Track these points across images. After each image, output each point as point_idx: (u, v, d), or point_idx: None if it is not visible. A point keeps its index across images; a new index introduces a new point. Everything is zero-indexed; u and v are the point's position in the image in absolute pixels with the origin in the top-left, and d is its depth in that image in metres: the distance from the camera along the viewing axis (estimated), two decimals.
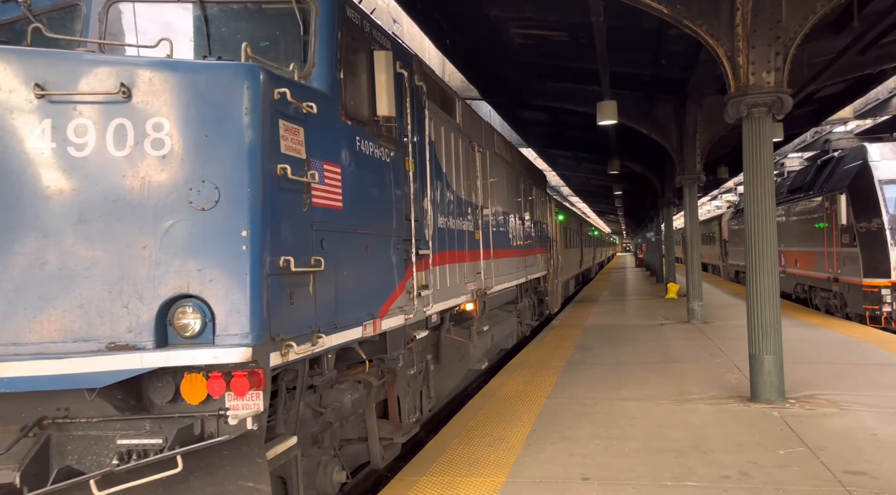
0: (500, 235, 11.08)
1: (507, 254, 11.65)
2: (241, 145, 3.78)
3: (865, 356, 10.44)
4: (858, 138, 19.86)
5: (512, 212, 12.44)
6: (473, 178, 9.11)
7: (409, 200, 6.06)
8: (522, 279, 13.29)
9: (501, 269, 10.92)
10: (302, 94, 4.27)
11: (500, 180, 11.39)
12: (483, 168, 9.72)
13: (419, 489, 5.34)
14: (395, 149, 5.80)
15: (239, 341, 3.64)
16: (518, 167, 13.72)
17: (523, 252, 13.46)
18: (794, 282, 19.86)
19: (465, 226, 8.50)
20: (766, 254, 7.55)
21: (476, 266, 8.94)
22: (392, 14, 16.09)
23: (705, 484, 5.23)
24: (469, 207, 8.77)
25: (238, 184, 3.75)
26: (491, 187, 10.31)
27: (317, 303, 4.35)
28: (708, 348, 11.71)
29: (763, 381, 7.60)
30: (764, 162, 7.58)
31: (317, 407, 5.01)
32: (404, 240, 5.93)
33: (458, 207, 8.20)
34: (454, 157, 8.11)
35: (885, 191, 14.33)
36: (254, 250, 3.72)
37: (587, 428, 6.90)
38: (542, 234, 16.94)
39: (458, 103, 8.72)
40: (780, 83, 7.42)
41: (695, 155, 15.34)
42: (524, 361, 10.97)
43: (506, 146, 12.56)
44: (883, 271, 14.00)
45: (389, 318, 5.56)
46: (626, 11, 8.78)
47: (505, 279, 11.19)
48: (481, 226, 9.43)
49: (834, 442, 6.14)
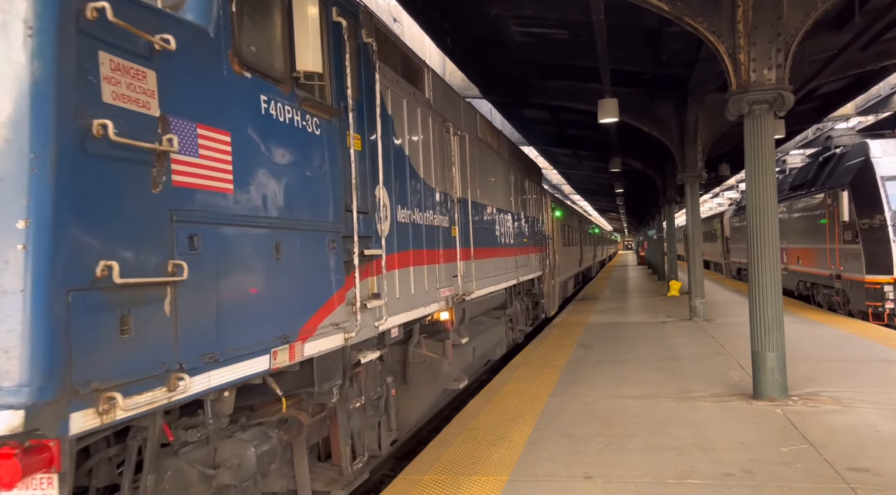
0: (485, 232, 10.04)
1: (494, 254, 10.58)
2: (20, 83, 2.53)
3: (868, 353, 10.42)
4: (860, 135, 19.81)
5: (500, 207, 11.33)
6: (449, 165, 7.98)
7: (351, 186, 4.82)
8: (513, 281, 12.13)
9: (486, 271, 9.83)
10: (151, 21, 3.08)
11: (486, 170, 10.32)
12: (462, 154, 8.60)
13: (422, 488, 5.34)
14: (329, 119, 4.64)
15: (5, 399, 2.43)
16: (507, 157, 12.47)
17: (514, 251, 12.37)
18: (797, 279, 19.83)
19: (438, 220, 7.42)
20: (769, 251, 7.53)
21: (452, 268, 7.91)
22: (392, 13, 16.08)
23: (708, 481, 5.23)
24: (443, 199, 7.67)
25: (13, 148, 2.50)
26: (473, 177, 9.18)
27: (178, 327, 3.12)
28: (710, 345, 11.69)
29: (765, 378, 7.59)
30: (765, 159, 7.57)
31: (206, 467, 3.75)
32: (344, 238, 4.75)
33: (428, 199, 7.09)
34: (422, 138, 7.00)
35: (887, 188, 14.31)
36: (37, 251, 2.49)
37: (589, 426, 6.90)
38: (537, 232, 15.74)
39: (427, 74, 7.47)
40: (782, 80, 7.40)
41: (696, 152, 15.33)
42: (526, 359, 10.97)
43: (492, 132, 11.42)
44: (885, 267, 13.97)
45: (317, 339, 4.37)
46: (627, 9, 8.76)
47: (490, 282, 10.10)
48: (459, 221, 8.35)
49: (837, 440, 6.12)
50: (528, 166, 15.16)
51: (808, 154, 24.06)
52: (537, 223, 15.84)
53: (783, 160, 24.54)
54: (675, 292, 22.24)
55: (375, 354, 5.53)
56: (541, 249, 16.14)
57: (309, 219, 4.36)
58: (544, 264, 16.57)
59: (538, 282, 15.97)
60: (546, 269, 16.79)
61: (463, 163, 8.66)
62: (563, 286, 21.88)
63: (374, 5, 13.45)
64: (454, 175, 8.19)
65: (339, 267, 4.69)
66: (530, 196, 14.95)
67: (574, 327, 15.04)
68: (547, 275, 17.03)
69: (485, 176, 10.24)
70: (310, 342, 4.27)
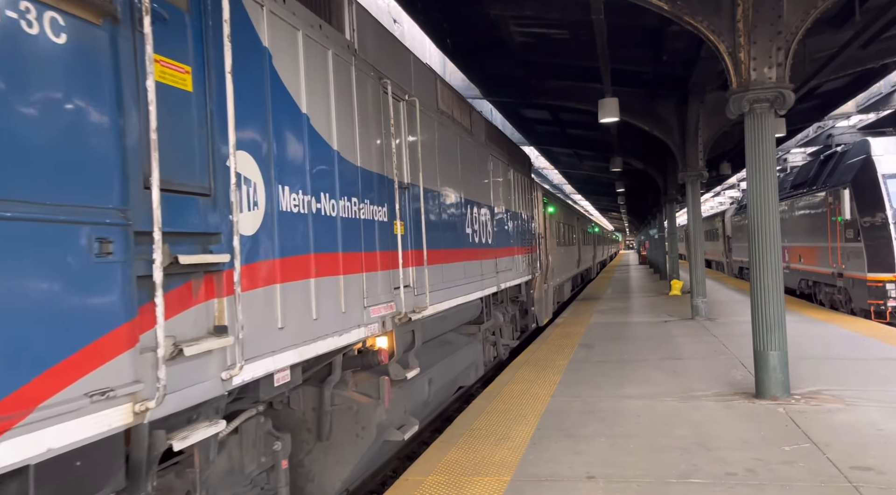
0: (450, 230, 8.23)
1: (463, 257, 8.73)
2: None
3: (870, 351, 10.40)
4: (861, 133, 19.81)
5: (473, 199, 9.51)
6: (387, 138, 6.17)
7: (150, 144, 2.93)
8: (491, 288, 10.38)
9: (451, 278, 8.09)
10: None
11: (450, 152, 8.47)
12: (411, 126, 6.88)
13: (425, 488, 5.34)
14: (95, 23, 2.81)
15: None
16: (485, 140, 10.57)
17: (493, 252, 10.56)
18: (799, 278, 19.81)
19: (369, 212, 5.62)
20: (770, 250, 7.53)
21: (393, 277, 6.10)
22: (392, 14, 16.10)
23: (711, 481, 5.22)
24: (378, 184, 5.88)
25: None
26: (429, 159, 7.44)
27: None
28: (712, 345, 11.68)
29: (768, 377, 7.58)
30: (766, 157, 7.56)
31: None
32: (139, 236, 2.92)
33: (350, 181, 5.27)
34: (336, 95, 5.14)
35: (888, 186, 14.30)
36: None
37: (592, 426, 6.89)
38: (525, 230, 13.98)
39: (347, 7, 5.61)
40: (782, 78, 7.40)
41: (697, 151, 15.33)
42: (528, 360, 10.96)
43: (462, 107, 9.34)
44: (887, 266, 13.96)
45: (47, 425, 2.44)
46: (627, 8, 8.77)
47: (458, 292, 8.35)
48: (407, 214, 6.64)
49: (840, 438, 6.12)
50: (513, 154, 13.26)
51: (809, 152, 24.06)
52: (526, 220, 14.10)
53: (784, 159, 24.54)
54: (676, 291, 22.23)
55: (212, 429, 3.48)
56: (530, 250, 14.39)
57: (36, 199, 2.48)
58: (534, 267, 14.80)
59: (527, 288, 14.19)
60: (537, 273, 15.09)
61: (410, 136, 6.85)
62: (557, 290, 20.12)
63: (373, 6, 13.47)
64: (396, 152, 6.30)
65: (125, 286, 2.80)
66: (516, 188, 13.09)
67: (576, 327, 15.04)
68: (538, 278, 15.38)
69: (449, 159, 8.34)
70: (23, 434, 2.34)
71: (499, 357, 11.80)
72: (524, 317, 14.21)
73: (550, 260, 17.76)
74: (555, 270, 18.83)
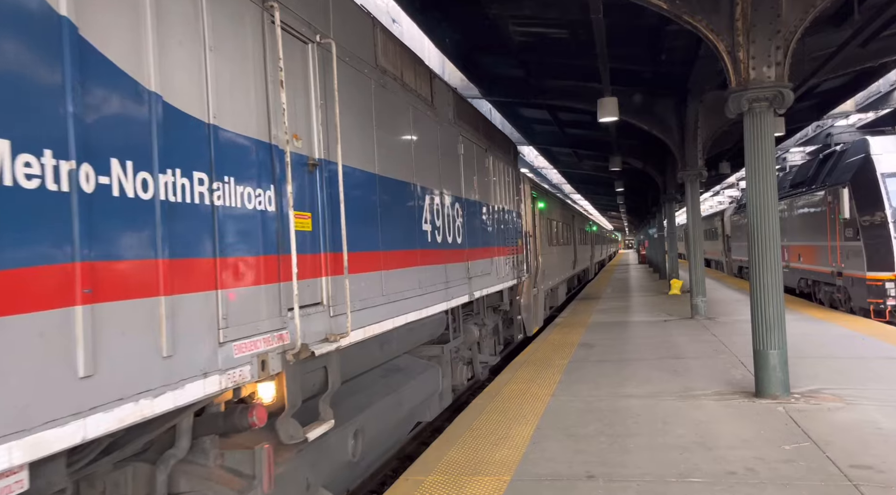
0: (393, 226, 6.27)
1: (415, 260, 6.83)
2: None
3: (870, 350, 10.41)
4: (860, 132, 19.81)
5: (432, 189, 7.61)
6: (275, 91, 4.33)
7: None
8: (461, 298, 8.57)
9: (398, 288, 6.21)
10: None
11: (396, 125, 6.61)
12: (324, 80, 4.96)
13: (425, 488, 5.34)
14: None
15: None
16: (453, 117, 8.75)
17: (461, 254, 8.67)
18: (798, 277, 19.82)
19: (232, 196, 3.86)
20: (770, 249, 7.53)
21: (283, 293, 4.26)
22: (391, 14, 16.10)
23: (711, 480, 5.22)
24: (255, 156, 4.11)
25: None
26: (353, 129, 5.53)
27: None
28: (712, 344, 11.69)
29: (768, 376, 7.58)
30: (766, 156, 7.56)
31: None
32: None
33: (184, 144, 3.51)
34: (154, 5, 3.35)
35: (887, 185, 14.30)
36: None
37: (592, 425, 6.89)
38: (509, 227, 12.20)
39: None
40: (781, 77, 7.40)
41: (696, 150, 15.33)
42: (528, 359, 10.96)
43: (415, 69, 7.39)
44: (887, 265, 13.97)
45: None
46: (626, 8, 8.77)
47: (409, 305, 6.53)
48: (321, 203, 4.84)
49: (839, 437, 6.12)
50: (493, 138, 11.40)
51: (809, 151, 24.05)
52: (510, 216, 12.35)
53: (783, 158, 24.54)
54: (676, 291, 22.24)
55: None
56: (514, 250, 12.56)
57: None
58: (520, 270, 13.04)
59: (512, 294, 12.45)
60: (524, 277, 13.39)
61: (325, 96, 4.96)
62: (550, 294, 18.45)
63: (372, 6, 13.47)
64: (290, 112, 4.46)
65: None
66: (498, 179, 11.35)
67: (576, 326, 15.04)
68: (526, 283, 13.64)
69: (394, 134, 6.51)
70: None
71: (476, 378, 10.31)
72: (509, 327, 12.79)
73: (541, 261, 16.17)
74: (546, 273, 17.19)
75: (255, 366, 3.94)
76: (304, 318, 4.41)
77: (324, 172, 4.92)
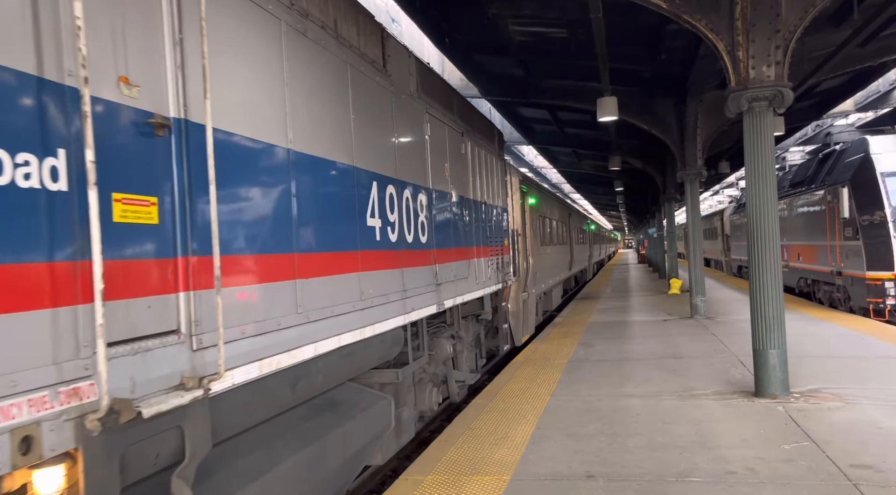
0: (316, 219, 4.80)
1: (354, 265, 5.34)
2: None
3: (869, 349, 10.41)
4: (860, 131, 19.83)
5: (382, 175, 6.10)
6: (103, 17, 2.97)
7: None
8: (426, 308, 7.18)
9: (319, 301, 4.70)
10: None
11: (325, 90, 5.09)
12: (186, 9, 3.48)
13: (424, 488, 5.33)
14: None
15: None
16: (416, 90, 7.35)
17: (426, 256, 7.28)
18: (798, 276, 19.83)
19: None
20: (769, 249, 7.53)
21: (81, 322, 2.78)
22: (391, 13, 16.09)
23: (710, 479, 5.22)
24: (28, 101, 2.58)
25: None
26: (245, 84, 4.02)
27: None
28: (711, 343, 11.69)
29: (767, 376, 7.58)
30: (765, 156, 7.56)
31: None
32: None
33: None
34: None
35: (887, 184, 14.32)
36: None
37: (591, 425, 6.89)
38: (493, 225, 10.85)
39: None
40: (781, 77, 7.40)
41: (696, 150, 15.33)
42: (528, 359, 10.96)
43: (358, 22, 5.84)
44: (886, 264, 13.97)
45: None
46: (625, 7, 8.77)
47: (343, 323, 5.08)
48: (177, 184, 3.36)
49: (839, 436, 6.12)
50: (473, 122, 9.95)
51: (808, 151, 24.07)
52: (493, 212, 10.96)
53: (783, 157, 24.56)
54: (675, 290, 22.24)
55: None
56: (499, 251, 11.13)
57: None
58: (506, 272, 11.62)
59: (495, 300, 11.20)
60: (511, 280, 11.97)
61: (186, 28, 3.50)
62: (542, 298, 16.95)
63: (371, 6, 13.46)
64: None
65: None
66: (478, 169, 10.00)
67: (575, 326, 15.04)
68: (514, 287, 12.34)
69: (318, 97, 4.98)
70: None
71: (451, 399, 9.01)
72: (493, 337, 11.53)
73: (532, 262, 14.72)
74: (538, 275, 15.68)
75: (7, 447, 2.46)
76: (128, 358, 2.95)
77: (182, 138, 3.40)
